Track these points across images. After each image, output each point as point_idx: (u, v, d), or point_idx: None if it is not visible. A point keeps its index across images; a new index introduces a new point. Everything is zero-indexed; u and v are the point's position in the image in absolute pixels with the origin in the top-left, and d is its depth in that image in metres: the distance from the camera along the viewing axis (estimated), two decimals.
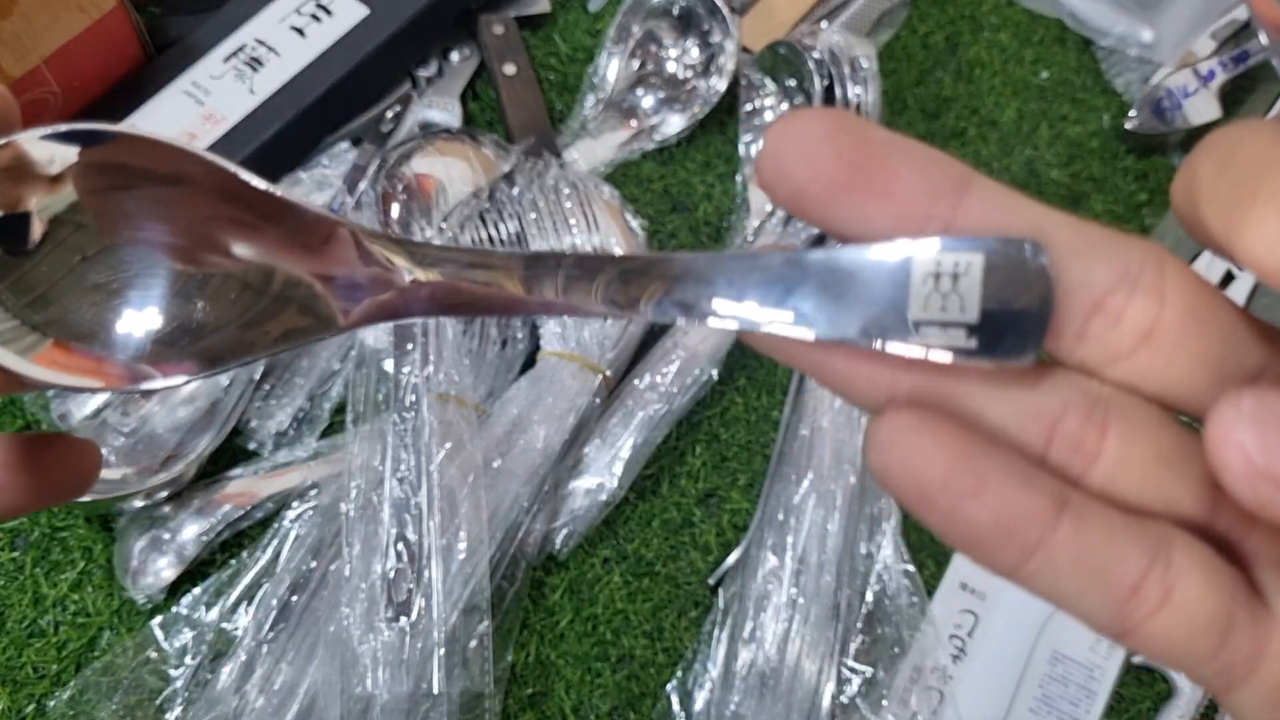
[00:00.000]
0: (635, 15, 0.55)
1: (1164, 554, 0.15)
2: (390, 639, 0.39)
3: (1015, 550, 0.15)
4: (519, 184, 0.49)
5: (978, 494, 0.15)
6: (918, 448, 0.15)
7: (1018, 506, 0.15)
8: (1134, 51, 0.59)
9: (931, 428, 0.15)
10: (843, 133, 0.15)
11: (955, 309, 0.15)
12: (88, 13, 0.45)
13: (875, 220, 0.15)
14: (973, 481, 0.15)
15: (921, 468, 0.15)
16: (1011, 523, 0.15)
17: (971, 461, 0.15)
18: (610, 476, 0.45)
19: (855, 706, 0.43)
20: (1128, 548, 0.15)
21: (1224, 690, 0.15)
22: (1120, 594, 0.15)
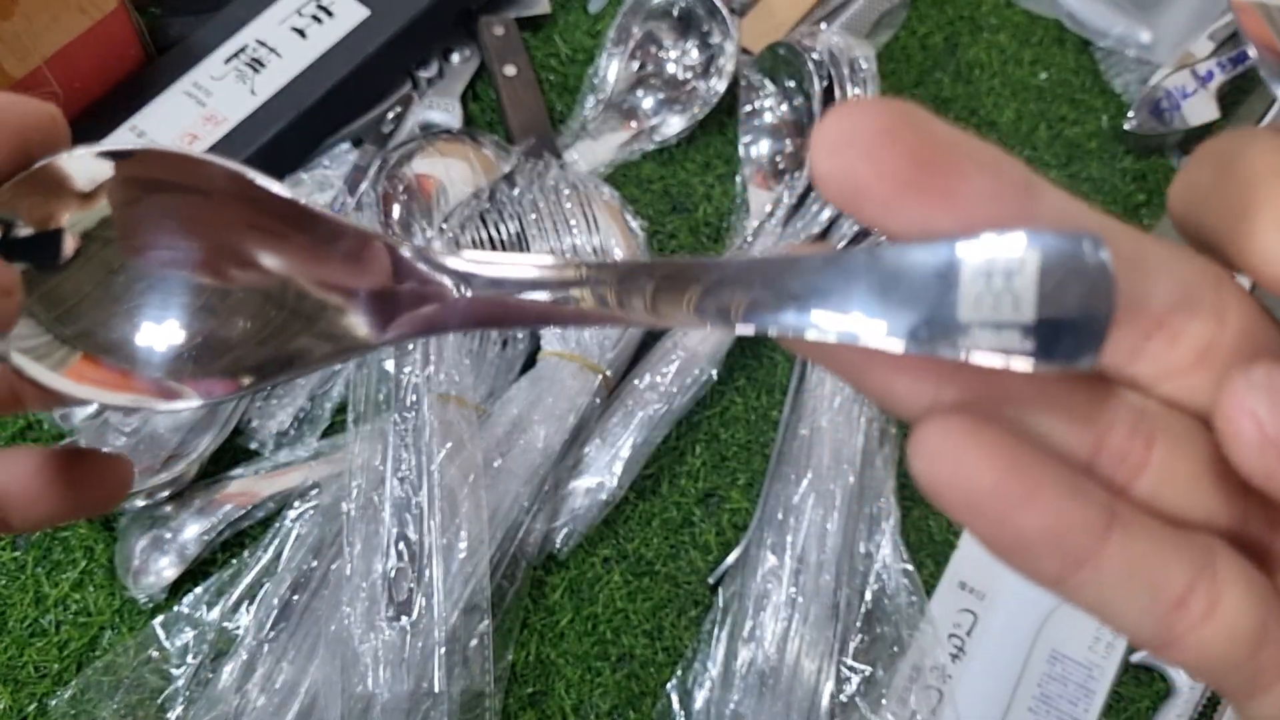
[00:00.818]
0: (635, 16, 0.56)
1: (1209, 566, 0.15)
2: (391, 638, 0.39)
3: (1065, 562, 0.15)
4: (519, 185, 0.49)
5: (1030, 504, 0.14)
6: (967, 457, 0.14)
7: (1070, 518, 0.14)
8: (1132, 52, 0.59)
9: (981, 435, 0.14)
10: (909, 127, 0.14)
11: (1009, 309, 0.14)
12: (89, 14, 0.45)
13: (939, 224, 0.14)
14: (1024, 491, 0.14)
15: (971, 476, 0.14)
16: (1062, 534, 0.14)
17: (1023, 470, 0.14)
18: (610, 476, 0.45)
19: (854, 705, 0.43)
20: (1175, 560, 0.15)
21: (1246, 698, 0.15)
22: (1167, 606, 0.15)
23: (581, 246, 0.47)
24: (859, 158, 0.14)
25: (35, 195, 0.18)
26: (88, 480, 0.20)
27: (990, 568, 0.47)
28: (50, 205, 0.18)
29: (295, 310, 0.18)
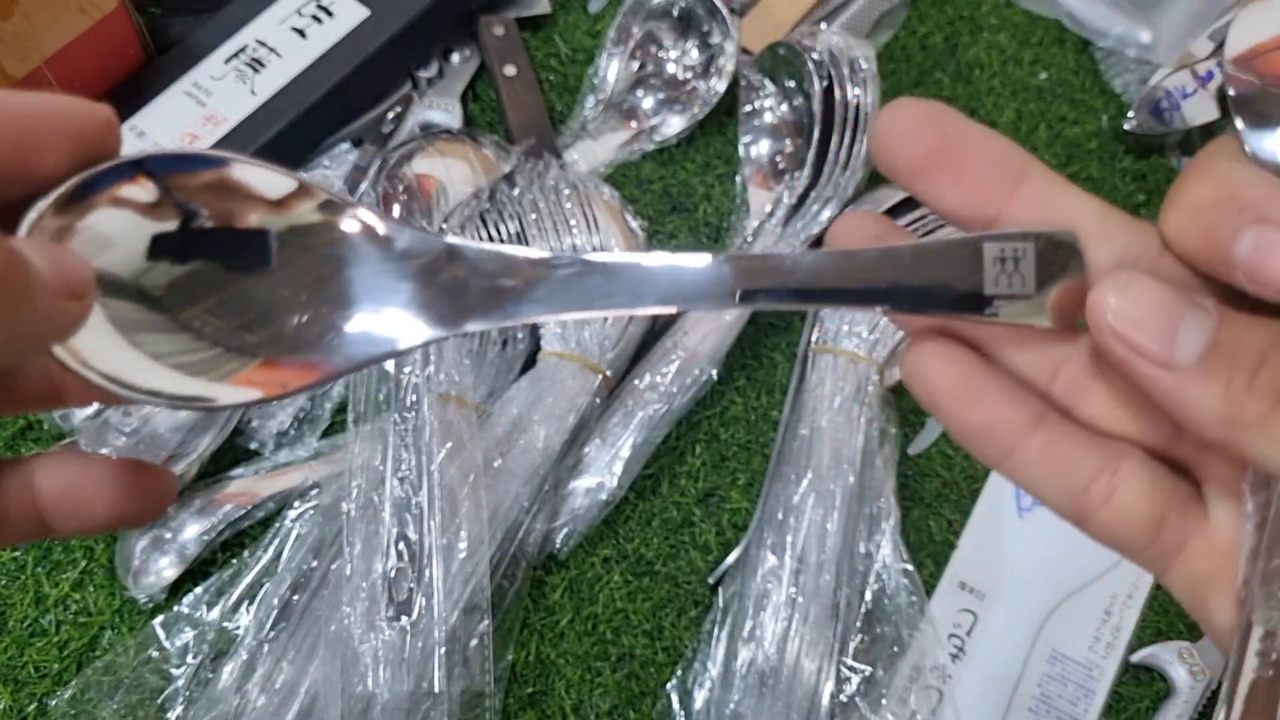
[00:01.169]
0: (635, 16, 0.56)
1: (1114, 465, 0.19)
2: (391, 638, 0.39)
3: (998, 449, 0.20)
4: (519, 185, 0.49)
5: (972, 405, 0.20)
6: (934, 367, 0.20)
7: (1002, 416, 0.20)
8: (1132, 52, 0.59)
9: (947, 353, 0.20)
10: (931, 125, 0.19)
11: (1018, 284, 0.19)
12: (89, 14, 0.45)
13: (948, 198, 0.20)
14: (969, 395, 0.20)
15: (935, 381, 0.20)
16: (996, 428, 0.20)
17: (971, 381, 0.20)
18: (610, 476, 0.45)
19: (854, 705, 0.43)
20: (1086, 457, 0.19)
21: (1161, 573, 0.20)
22: (1076, 491, 0.19)
23: (581, 246, 0.47)
24: (894, 145, 0.19)
25: (104, 197, 0.19)
26: (134, 491, 0.21)
27: (990, 568, 0.47)
28: (125, 206, 0.19)
29: (374, 306, 0.20)
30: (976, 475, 0.49)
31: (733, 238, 0.52)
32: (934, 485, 0.48)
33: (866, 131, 0.49)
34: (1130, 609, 0.46)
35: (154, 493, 0.21)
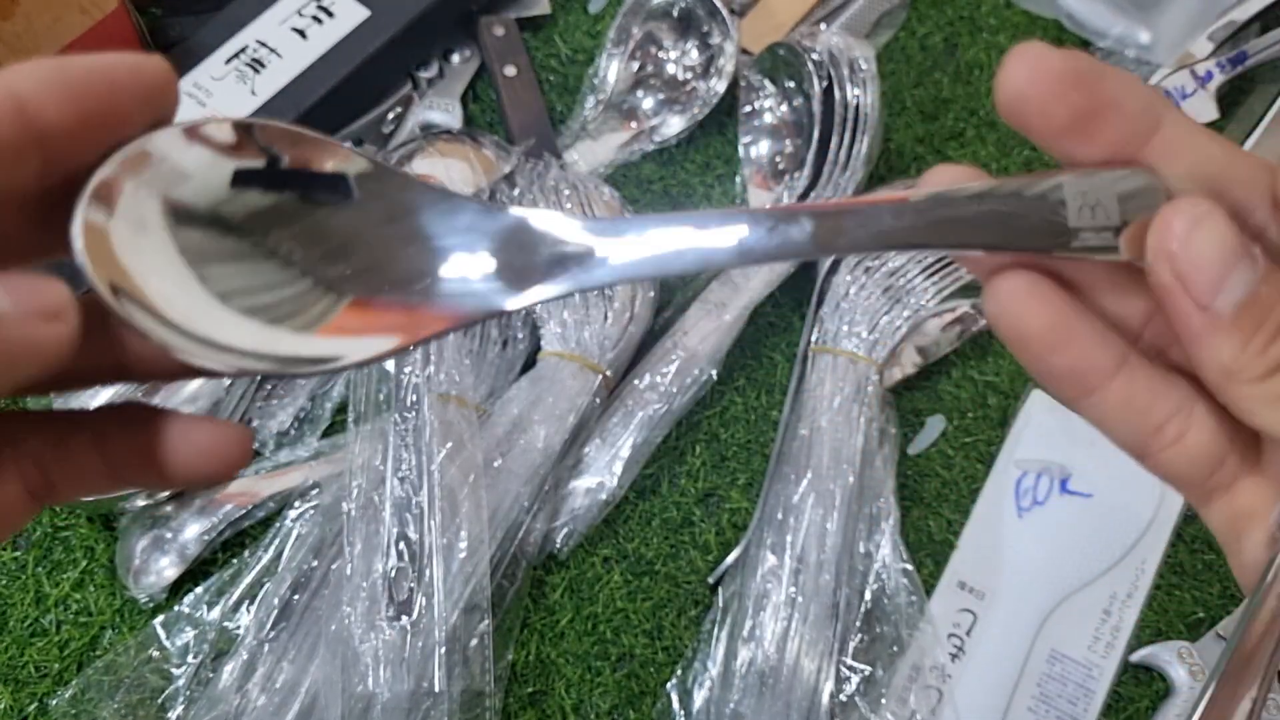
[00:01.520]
0: (635, 17, 0.56)
1: (1189, 407, 0.20)
2: (391, 638, 0.40)
3: (1078, 390, 0.20)
4: (520, 185, 0.49)
5: (1063, 347, 0.19)
6: (1027, 304, 0.19)
7: (1089, 360, 0.20)
8: (1132, 53, 0.59)
9: (1038, 290, 0.19)
10: (1076, 87, 0.19)
11: (1103, 218, 0.19)
12: (89, 14, 0.45)
13: (1086, 153, 0.19)
14: (1061, 337, 0.19)
15: (1027, 321, 0.19)
16: (1081, 371, 0.20)
17: (1064, 321, 0.19)
18: (610, 476, 0.45)
19: (854, 705, 0.43)
20: (1162, 399, 0.20)
21: (1203, 504, 0.21)
22: (1148, 431, 0.20)
23: None
24: (1039, 110, 0.19)
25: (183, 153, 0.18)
26: (209, 448, 0.20)
27: (990, 568, 0.47)
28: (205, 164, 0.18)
29: (452, 273, 0.19)
30: (976, 475, 0.49)
31: None
32: (933, 485, 0.48)
33: (867, 131, 0.49)
34: (1130, 609, 0.46)
35: (228, 451, 0.20)
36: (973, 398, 0.50)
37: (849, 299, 0.48)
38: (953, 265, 0.48)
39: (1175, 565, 0.47)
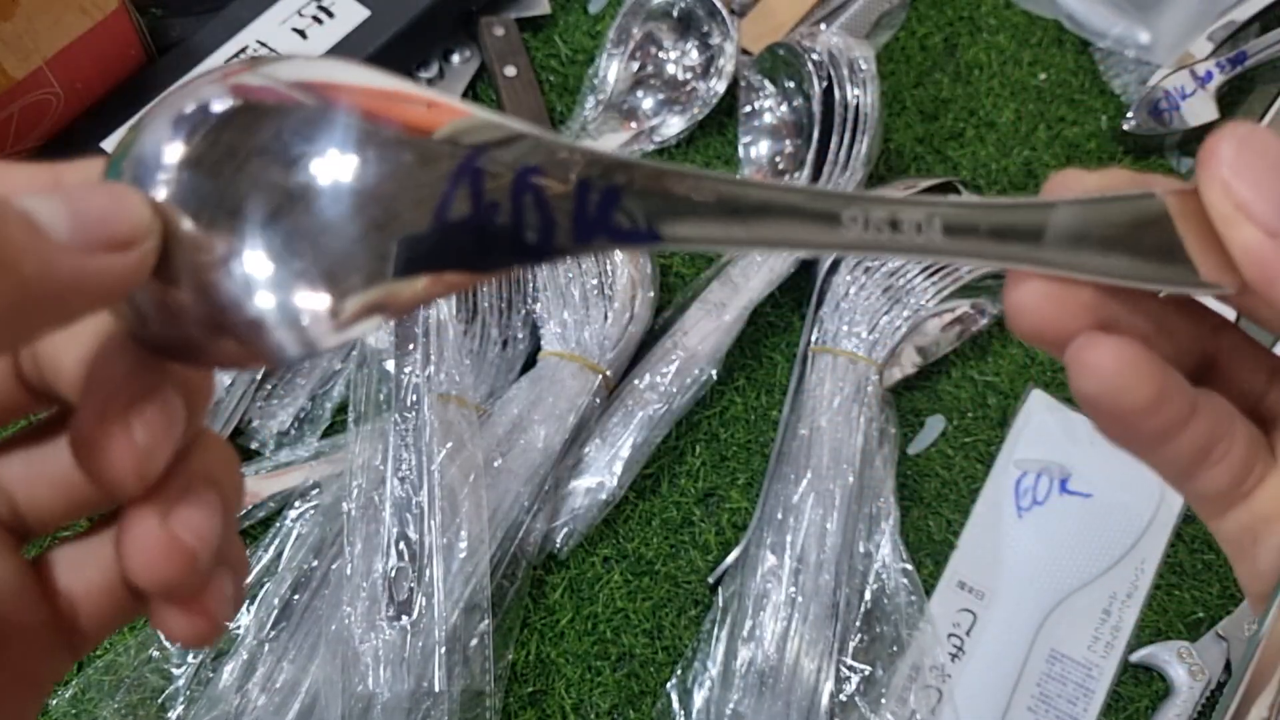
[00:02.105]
0: (635, 17, 0.56)
1: (1231, 425, 0.19)
2: (391, 637, 0.40)
3: (1158, 441, 0.19)
4: None
5: (1159, 412, 0.18)
6: (1132, 378, 0.18)
7: (1176, 416, 0.18)
8: (1132, 53, 0.59)
9: (1138, 357, 0.18)
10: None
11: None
12: (90, 14, 0.45)
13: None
14: (1159, 406, 0.18)
15: (1134, 396, 0.18)
16: (1167, 427, 0.18)
17: (1165, 390, 0.18)
18: (610, 476, 0.45)
19: (854, 704, 0.43)
20: (1218, 427, 0.19)
21: (1218, 514, 0.20)
22: (1203, 456, 0.19)
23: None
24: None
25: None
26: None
27: (990, 568, 0.47)
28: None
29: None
30: (975, 475, 0.49)
31: None
32: (933, 485, 0.48)
33: (867, 132, 0.49)
34: (1129, 609, 0.46)
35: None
36: (972, 397, 0.50)
37: (849, 299, 0.48)
38: (952, 267, 0.48)
39: (1175, 565, 0.47)
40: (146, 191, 0.16)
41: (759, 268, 0.49)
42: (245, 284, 0.16)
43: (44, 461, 0.18)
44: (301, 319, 0.16)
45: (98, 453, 0.16)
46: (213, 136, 0.16)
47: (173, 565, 0.17)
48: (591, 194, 0.17)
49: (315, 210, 0.16)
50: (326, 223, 0.16)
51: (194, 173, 0.16)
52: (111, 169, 0.16)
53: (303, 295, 0.16)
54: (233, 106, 0.16)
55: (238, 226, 0.16)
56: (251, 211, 0.16)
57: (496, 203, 0.17)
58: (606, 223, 0.17)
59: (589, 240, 0.17)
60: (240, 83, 0.16)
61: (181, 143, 0.16)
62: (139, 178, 0.16)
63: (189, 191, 0.16)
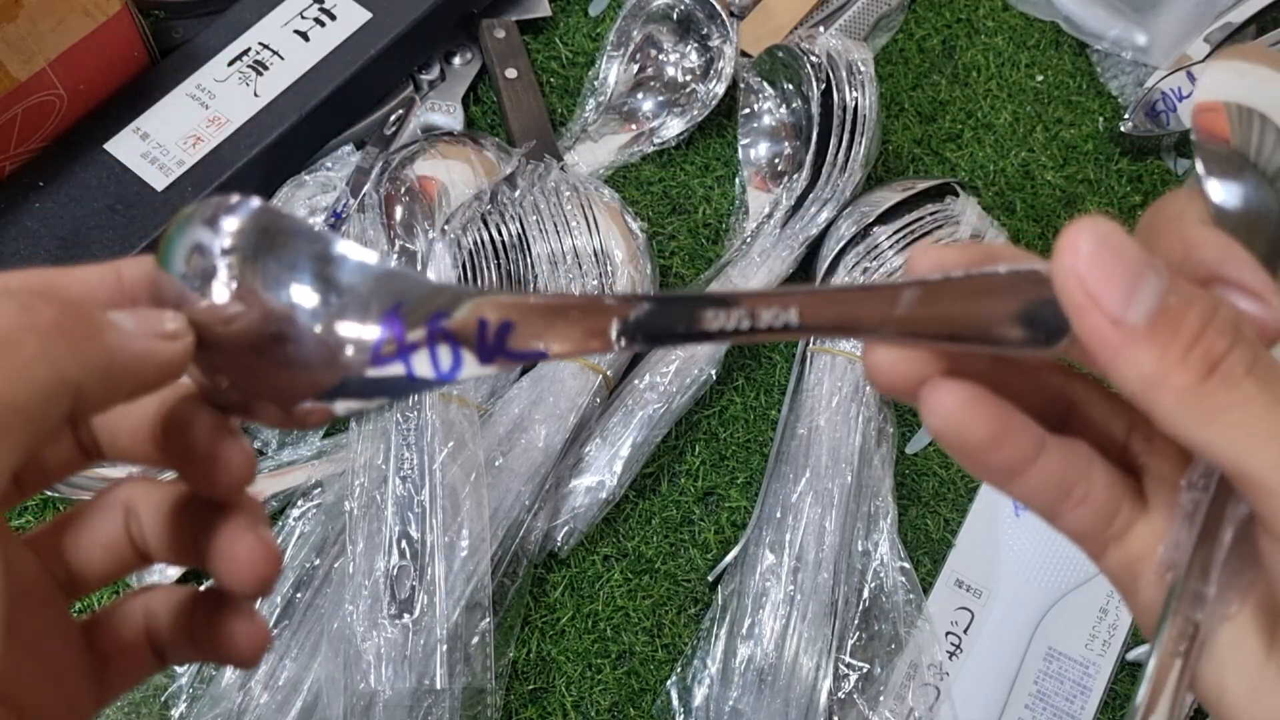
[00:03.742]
0: (635, 20, 0.56)
1: (1089, 471, 0.21)
2: (393, 635, 0.40)
3: (1009, 476, 0.21)
4: (520, 186, 0.49)
5: (1001, 447, 0.20)
6: (969, 416, 0.20)
7: (1021, 451, 0.21)
8: (1129, 55, 0.59)
9: (976, 400, 0.20)
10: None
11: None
12: (93, 16, 0.46)
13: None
14: (1000, 438, 0.20)
15: (972, 432, 0.20)
16: (1014, 462, 0.21)
17: (1001, 425, 0.20)
18: (610, 475, 0.46)
19: (852, 702, 0.43)
20: (1072, 470, 0.21)
21: (1099, 555, 0.22)
22: (1061, 497, 0.21)
23: (582, 248, 0.48)
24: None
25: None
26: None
27: (987, 566, 0.47)
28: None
29: None
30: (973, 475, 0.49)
31: (731, 239, 0.53)
32: (931, 484, 0.49)
33: (865, 133, 0.50)
34: (1126, 608, 0.47)
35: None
36: None
37: None
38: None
39: None
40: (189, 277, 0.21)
41: (758, 268, 0.49)
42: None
43: (96, 530, 0.22)
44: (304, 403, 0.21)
45: (217, 463, 0.21)
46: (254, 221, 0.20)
47: (271, 564, 0.21)
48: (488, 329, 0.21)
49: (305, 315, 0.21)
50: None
51: (230, 263, 0.20)
52: (161, 260, 0.20)
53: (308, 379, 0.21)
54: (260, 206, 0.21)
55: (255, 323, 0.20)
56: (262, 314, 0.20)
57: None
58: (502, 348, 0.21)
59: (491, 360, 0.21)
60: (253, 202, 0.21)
61: (235, 219, 0.20)
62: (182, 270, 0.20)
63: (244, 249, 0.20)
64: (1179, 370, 0.18)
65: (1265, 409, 0.18)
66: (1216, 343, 0.18)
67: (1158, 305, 0.18)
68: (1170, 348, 0.18)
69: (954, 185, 0.51)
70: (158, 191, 0.47)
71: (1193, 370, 0.18)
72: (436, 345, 0.20)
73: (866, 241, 0.49)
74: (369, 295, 0.20)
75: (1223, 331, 0.18)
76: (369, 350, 0.20)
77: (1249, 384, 0.18)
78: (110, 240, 0.46)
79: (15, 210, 0.46)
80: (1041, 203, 0.56)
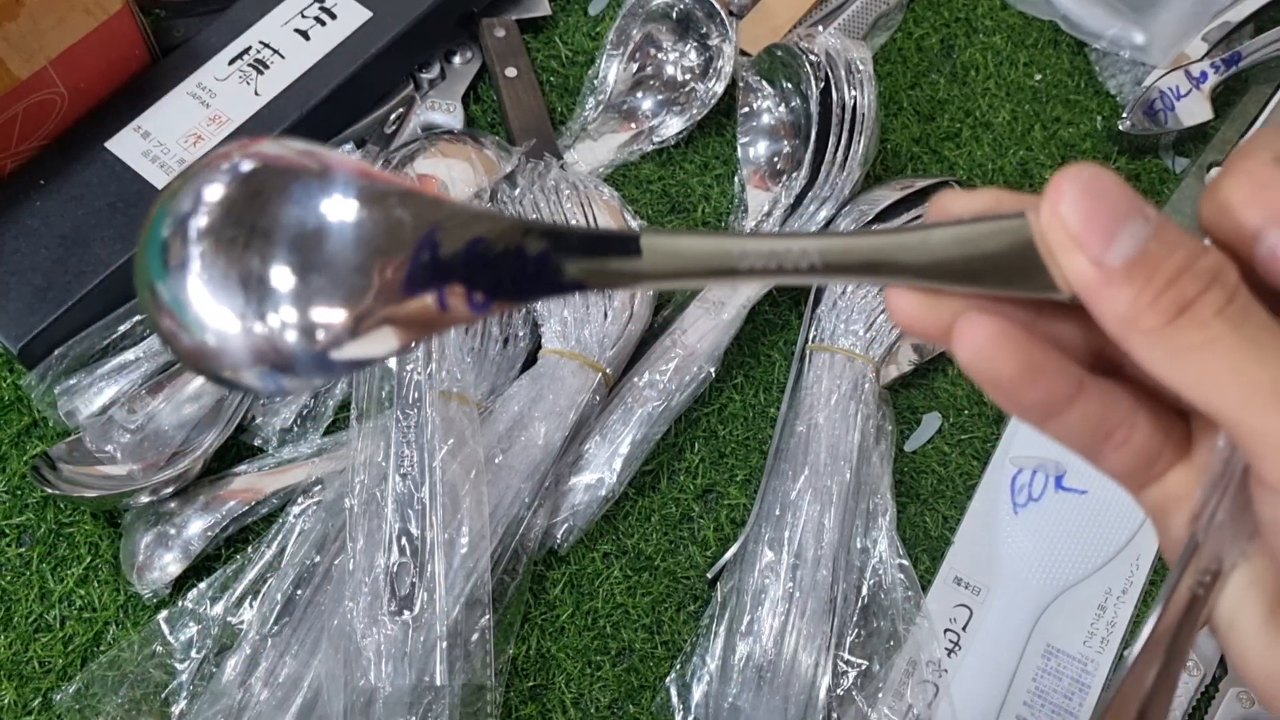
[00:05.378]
0: (635, 19, 0.56)
1: (1134, 416, 0.22)
2: (393, 632, 0.40)
3: (1045, 415, 0.21)
4: (520, 185, 0.50)
5: (1033, 385, 0.21)
6: (999, 352, 0.20)
7: (1056, 391, 0.21)
8: (1127, 54, 0.60)
9: (1006, 336, 0.21)
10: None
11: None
12: (94, 15, 0.46)
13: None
14: (1031, 376, 0.21)
15: (1000, 367, 0.21)
16: (1049, 401, 0.21)
17: (1033, 361, 0.21)
18: (610, 472, 0.46)
19: (851, 699, 0.43)
20: (1114, 413, 0.22)
21: (1136, 490, 0.23)
22: (1101, 439, 0.22)
23: None
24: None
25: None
26: None
27: (986, 563, 0.47)
28: None
29: None
30: (972, 471, 0.49)
31: None
32: (930, 481, 0.49)
33: (864, 132, 0.50)
34: (1124, 604, 0.47)
35: None
36: (968, 395, 0.51)
37: (846, 297, 0.49)
38: None
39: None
40: (191, 223, 0.19)
41: None
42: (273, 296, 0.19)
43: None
44: (318, 331, 0.19)
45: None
46: (242, 186, 0.20)
47: None
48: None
49: (326, 244, 0.20)
50: (335, 254, 0.20)
51: (227, 212, 0.20)
52: (159, 212, 0.20)
53: (321, 310, 0.19)
54: (255, 167, 0.20)
55: (267, 252, 0.19)
56: (276, 241, 0.19)
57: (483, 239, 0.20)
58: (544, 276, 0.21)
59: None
60: (259, 150, 0.20)
61: (220, 186, 0.20)
62: (181, 216, 0.20)
63: (224, 224, 0.19)
64: (1149, 312, 0.19)
65: (1231, 348, 0.19)
66: (1190, 286, 0.19)
67: (1138, 249, 0.19)
68: (1144, 291, 0.19)
69: (952, 184, 0.51)
70: (159, 190, 0.47)
71: (1162, 313, 0.19)
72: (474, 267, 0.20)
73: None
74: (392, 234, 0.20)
75: (1198, 276, 0.19)
76: (416, 242, 0.20)
77: (1217, 324, 0.19)
78: (111, 239, 0.46)
79: (16, 209, 0.46)
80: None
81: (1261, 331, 0.19)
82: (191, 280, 0.19)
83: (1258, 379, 0.19)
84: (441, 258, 0.20)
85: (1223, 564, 0.21)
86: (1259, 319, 0.19)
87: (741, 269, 0.21)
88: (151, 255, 0.19)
